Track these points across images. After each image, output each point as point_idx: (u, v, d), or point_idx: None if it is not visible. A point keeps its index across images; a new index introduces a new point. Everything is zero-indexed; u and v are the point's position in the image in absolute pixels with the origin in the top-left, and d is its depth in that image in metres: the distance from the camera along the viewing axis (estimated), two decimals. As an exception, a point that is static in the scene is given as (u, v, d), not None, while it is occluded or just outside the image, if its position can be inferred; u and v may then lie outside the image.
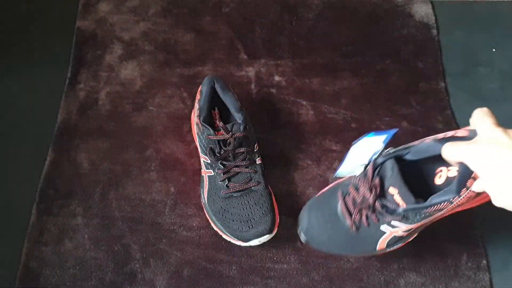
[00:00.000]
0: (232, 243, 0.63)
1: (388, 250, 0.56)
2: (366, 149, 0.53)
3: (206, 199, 0.64)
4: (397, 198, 0.48)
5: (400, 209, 0.48)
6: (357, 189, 0.52)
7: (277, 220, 0.62)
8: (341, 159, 0.72)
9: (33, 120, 0.76)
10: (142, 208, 0.67)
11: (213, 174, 0.63)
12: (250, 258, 0.64)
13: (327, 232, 0.56)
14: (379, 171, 0.50)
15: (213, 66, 0.81)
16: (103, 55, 0.82)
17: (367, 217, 0.52)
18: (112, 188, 0.69)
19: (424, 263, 0.64)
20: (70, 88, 0.78)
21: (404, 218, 0.49)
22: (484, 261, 0.64)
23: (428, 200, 0.47)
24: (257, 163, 0.64)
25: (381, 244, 0.54)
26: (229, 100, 0.65)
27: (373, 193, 0.49)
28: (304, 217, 0.59)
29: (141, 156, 0.72)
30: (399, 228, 0.51)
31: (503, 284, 0.63)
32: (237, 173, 0.62)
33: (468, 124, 0.77)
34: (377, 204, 0.50)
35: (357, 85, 0.79)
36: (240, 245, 0.62)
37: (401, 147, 0.52)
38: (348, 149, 0.57)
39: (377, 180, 0.50)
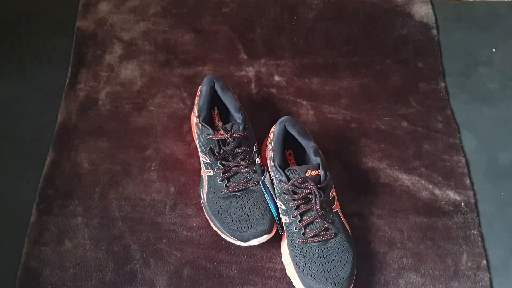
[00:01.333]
0: (232, 243, 0.63)
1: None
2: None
3: (205, 199, 0.64)
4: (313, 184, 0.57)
5: (322, 176, 0.58)
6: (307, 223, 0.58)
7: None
8: (340, 159, 0.72)
9: (33, 120, 0.76)
10: (142, 208, 0.67)
11: (212, 174, 0.63)
12: (250, 258, 0.64)
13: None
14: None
15: (213, 66, 0.81)
16: (103, 55, 0.82)
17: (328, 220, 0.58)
18: (112, 188, 0.69)
19: (424, 263, 0.64)
20: (70, 88, 0.78)
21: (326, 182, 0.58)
22: (484, 261, 0.64)
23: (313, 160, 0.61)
24: (256, 163, 0.64)
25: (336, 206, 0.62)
26: (228, 100, 0.65)
27: (317, 198, 0.57)
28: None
29: (141, 156, 0.72)
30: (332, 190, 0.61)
31: (503, 284, 0.63)
32: (237, 173, 0.62)
33: (468, 124, 0.77)
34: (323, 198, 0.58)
35: (357, 85, 0.79)
36: (239, 245, 0.62)
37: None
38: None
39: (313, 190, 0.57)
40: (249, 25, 0.86)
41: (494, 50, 0.84)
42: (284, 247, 0.62)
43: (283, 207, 0.60)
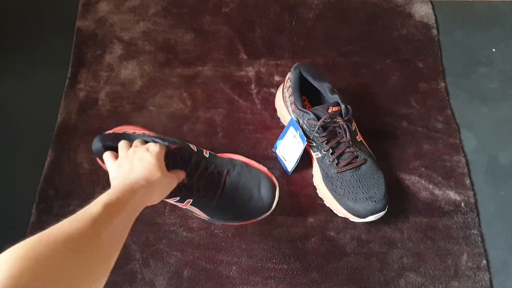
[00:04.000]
0: (231, 243, 0.63)
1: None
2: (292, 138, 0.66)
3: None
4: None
5: (344, 109, 0.63)
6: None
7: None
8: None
9: (33, 120, 0.76)
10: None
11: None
12: (250, 258, 0.64)
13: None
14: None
15: (213, 66, 0.81)
16: (103, 55, 0.82)
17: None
18: (112, 188, 0.69)
19: (424, 263, 0.64)
20: (70, 88, 0.78)
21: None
22: (484, 261, 0.64)
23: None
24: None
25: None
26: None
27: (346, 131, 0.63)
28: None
29: (141, 156, 0.72)
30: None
31: (503, 284, 0.63)
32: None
33: (468, 124, 0.77)
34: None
35: (357, 85, 0.79)
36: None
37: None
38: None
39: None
40: (249, 25, 0.86)
41: (494, 50, 0.84)
42: (319, 181, 0.66)
43: (314, 144, 0.65)
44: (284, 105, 0.70)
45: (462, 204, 0.68)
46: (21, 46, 0.83)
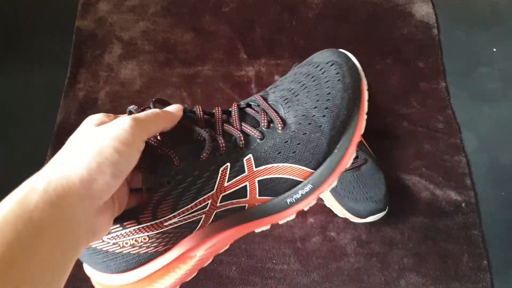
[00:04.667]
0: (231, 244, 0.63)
1: None
2: None
3: None
4: None
5: None
6: None
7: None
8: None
9: (33, 120, 0.76)
10: (142, 208, 0.67)
11: None
12: (250, 258, 0.64)
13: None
14: None
15: (213, 66, 0.81)
16: (102, 55, 0.81)
17: None
18: (112, 188, 0.69)
19: (424, 264, 0.64)
20: (70, 88, 0.78)
21: None
22: (485, 262, 0.64)
23: None
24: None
25: None
26: None
27: None
28: None
29: (141, 156, 0.71)
30: None
31: (504, 285, 0.63)
32: None
33: (469, 123, 0.77)
34: None
35: (358, 85, 0.79)
36: (242, 247, 0.62)
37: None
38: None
39: None
40: (249, 25, 0.85)
41: (495, 49, 0.83)
42: None
43: None
44: None
45: (463, 205, 0.68)
46: (20, 46, 0.83)
